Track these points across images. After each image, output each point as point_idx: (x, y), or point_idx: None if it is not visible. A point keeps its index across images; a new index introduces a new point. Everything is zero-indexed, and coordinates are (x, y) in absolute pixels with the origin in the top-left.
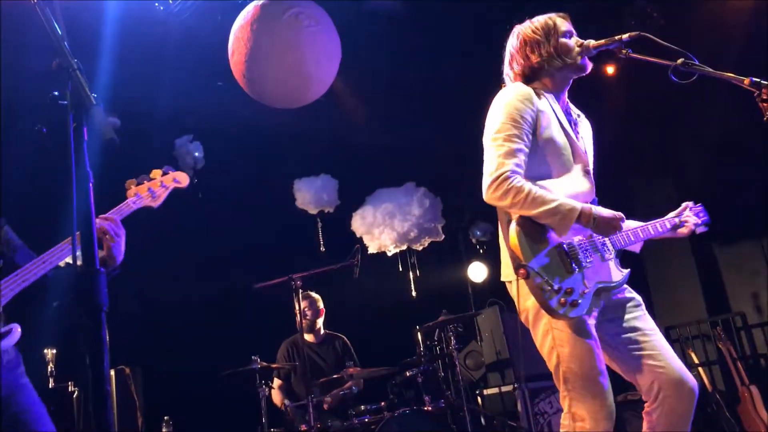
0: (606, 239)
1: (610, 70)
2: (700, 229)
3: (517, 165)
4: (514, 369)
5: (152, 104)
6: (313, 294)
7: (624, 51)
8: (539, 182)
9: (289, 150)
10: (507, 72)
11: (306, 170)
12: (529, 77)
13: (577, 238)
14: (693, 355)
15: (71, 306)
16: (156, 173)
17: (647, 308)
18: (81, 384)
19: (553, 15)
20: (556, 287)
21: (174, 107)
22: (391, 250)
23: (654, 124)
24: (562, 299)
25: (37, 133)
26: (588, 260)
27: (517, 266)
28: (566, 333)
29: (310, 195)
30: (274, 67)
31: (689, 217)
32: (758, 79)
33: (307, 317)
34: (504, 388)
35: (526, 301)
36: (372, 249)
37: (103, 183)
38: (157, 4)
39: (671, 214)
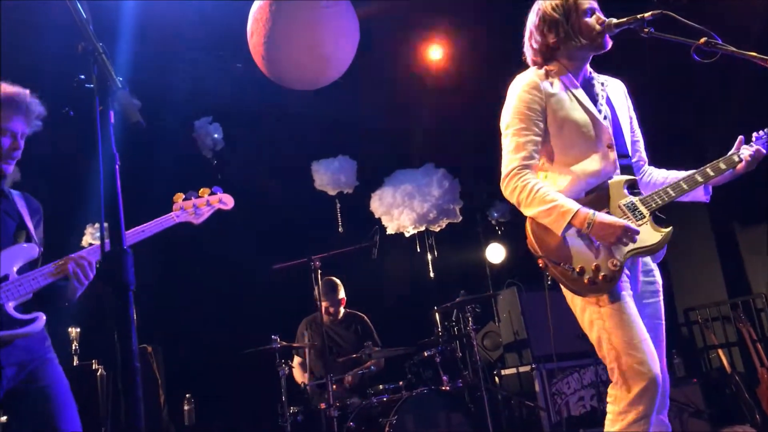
0: (638, 202)
1: None
2: None
3: (525, 158)
4: (532, 349)
5: (171, 86)
6: (333, 283)
7: (646, 30)
8: (568, 168)
9: (308, 131)
10: (526, 47)
11: (325, 151)
12: (546, 56)
13: (601, 212)
14: (713, 337)
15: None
16: (204, 191)
17: (666, 290)
18: (105, 362)
19: None
20: (577, 269)
21: (193, 89)
22: (410, 231)
23: (676, 102)
24: (586, 278)
25: (64, 115)
26: None
27: (536, 257)
28: (603, 306)
29: (328, 176)
30: (293, 48)
31: (746, 149)
32: None
33: (330, 312)
34: (522, 369)
35: (555, 276)
36: (390, 230)
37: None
38: None
39: (731, 152)
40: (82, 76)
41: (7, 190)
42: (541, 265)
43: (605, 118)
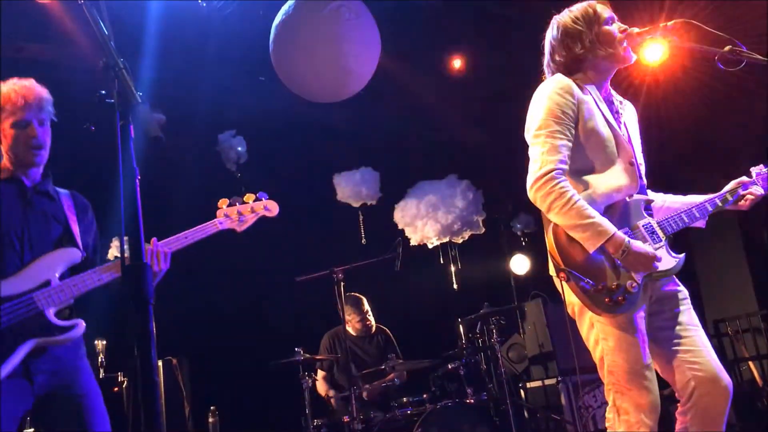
0: (655, 224)
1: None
2: None
3: (561, 162)
4: (558, 362)
5: (195, 99)
6: (356, 298)
7: (669, 38)
8: (584, 177)
9: (331, 143)
10: (548, 63)
11: (349, 163)
12: (571, 69)
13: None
14: (743, 349)
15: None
16: (249, 197)
17: (695, 300)
18: (130, 374)
19: (592, 2)
20: (599, 287)
21: (217, 102)
22: (434, 242)
23: (703, 112)
24: (606, 298)
25: (86, 130)
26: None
27: (557, 269)
28: (611, 326)
29: (349, 189)
30: (315, 62)
31: (752, 189)
32: None
33: (360, 325)
34: (547, 381)
35: (570, 296)
36: (414, 241)
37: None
38: (200, 1)
39: (728, 187)
40: (103, 92)
41: (53, 191)
42: (562, 278)
43: (626, 136)
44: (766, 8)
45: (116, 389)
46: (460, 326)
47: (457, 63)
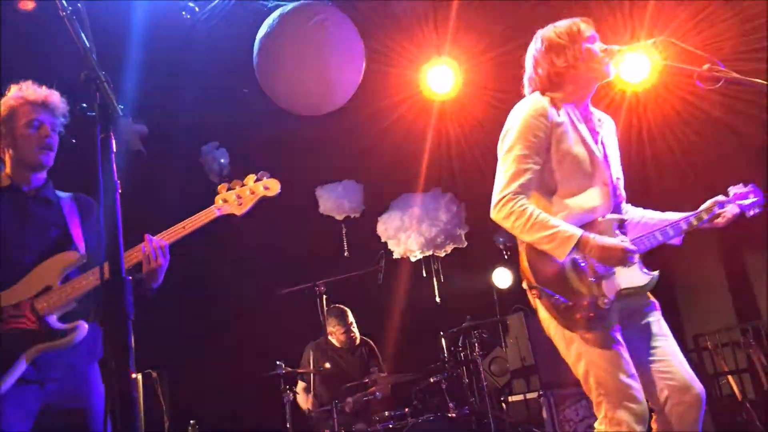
0: (629, 243)
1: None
2: (753, 212)
3: (523, 185)
4: (540, 375)
5: (179, 110)
6: (341, 310)
7: (650, 55)
8: (557, 198)
9: (316, 155)
10: (530, 76)
11: (333, 175)
12: (553, 83)
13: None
14: (723, 363)
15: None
16: (249, 178)
17: (674, 315)
18: (109, 389)
19: (576, 20)
20: (571, 303)
21: (200, 114)
22: (417, 255)
23: (676, 130)
24: (578, 314)
25: (68, 143)
26: (607, 269)
27: (530, 286)
28: (591, 340)
29: (331, 202)
30: (299, 75)
31: (727, 208)
32: None
33: (344, 337)
34: (529, 395)
35: (543, 312)
36: (397, 254)
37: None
38: (184, 13)
39: (704, 206)
40: (84, 104)
41: (53, 196)
42: (534, 294)
43: (602, 155)
44: (742, 28)
45: None
46: (443, 340)
47: (440, 78)
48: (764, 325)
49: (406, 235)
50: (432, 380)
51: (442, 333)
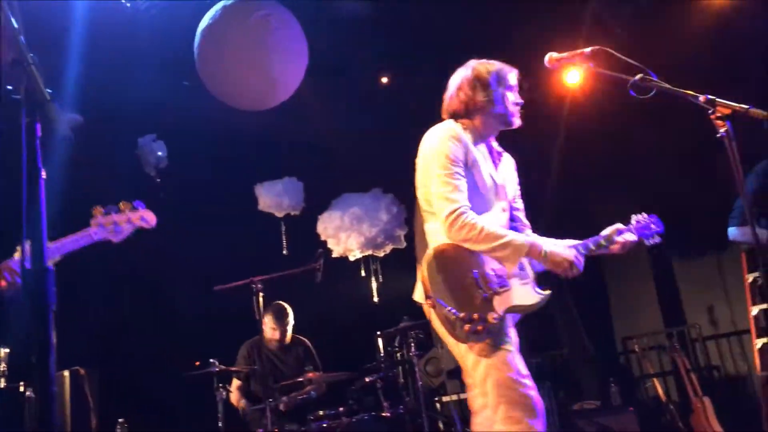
0: (526, 262)
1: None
2: (652, 242)
3: (465, 198)
4: None
5: (118, 102)
6: (283, 310)
7: (585, 64)
8: None
9: (256, 151)
10: (451, 96)
11: (274, 172)
12: (468, 111)
13: (493, 266)
14: (649, 366)
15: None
16: (125, 206)
17: (606, 318)
18: (32, 385)
19: (507, 66)
20: (462, 315)
21: (140, 106)
22: (356, 255)
23: (613, 141)
24: (466, 326)
25: None
26: (501, 286)
27: (426, 296)
28: (483, 348)
29: (270, 199)
30: (241, 69)
31: (625, 235)
32: (713, 97)
33: (277, 338)
34: (463, 396)
35: (435, 322)
36: (336, 253)
37: (66, 181)
38: (124, 0)
39: (604, 232)
40: (9, 87)
41: None
42: (429, 304)
43: (501, 184)
44: (678, 41)
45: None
46: (379, 339)
47: (385, 78)
48: (689, 330)
49: (346, 234)
50: (367, 380)
51: (379, 333)
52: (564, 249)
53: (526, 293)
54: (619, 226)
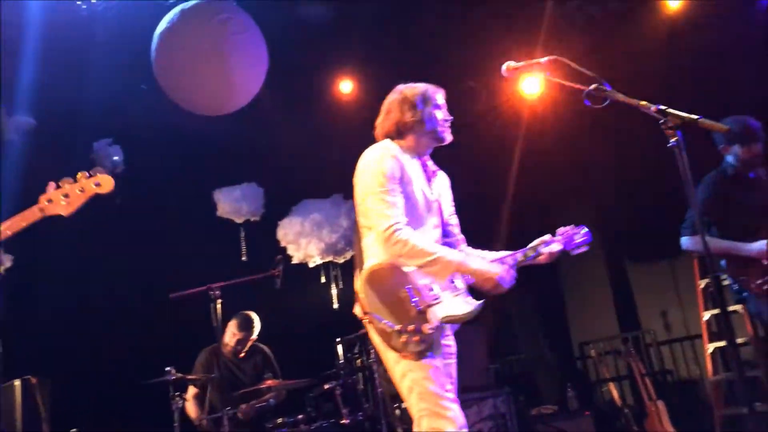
0: (458, 275)
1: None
2: (577, 251)
3: (402, 215)
4: None
5: (74, 106)
6: (250, 321)
7: (542, 74)
8: None
9: (215, 157)
10: (383, 119)
11: (233, 177)
12: (400, 131)
13: (425, 280)
14: (605, 370)
15: None
16: (81, 175)
17: (562, 323)
18: None
19: (432, 86)
20: (398, 327)
21: (96, 110)
22: (317, 261)
23: (572, 150)
24: (403, 338)
25: None
26: (434, 299)
27: (363, 312)
28: (413, 361)
29: (228, 205)
30: (199, 73)
31: (551, 246)
32: (664, 107)
33: (237, 348)
34: None
35: (374, 336)
36: (296, 259)
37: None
38: (79, 3)
39: (533, 243)
40: None
41: None
42: (366, 320)
43: (434, 201)
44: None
45: None
46: (339, 346)
47: (346, 85)
48: (643, 335)
49: (307, 240)
50: (326, 386)
51: (338, 339)
52: (492, 266)
53: (458, 304)
54: (545, 237)
